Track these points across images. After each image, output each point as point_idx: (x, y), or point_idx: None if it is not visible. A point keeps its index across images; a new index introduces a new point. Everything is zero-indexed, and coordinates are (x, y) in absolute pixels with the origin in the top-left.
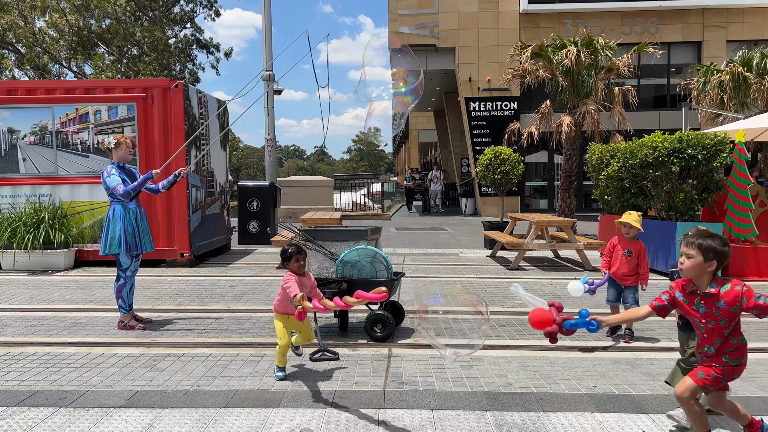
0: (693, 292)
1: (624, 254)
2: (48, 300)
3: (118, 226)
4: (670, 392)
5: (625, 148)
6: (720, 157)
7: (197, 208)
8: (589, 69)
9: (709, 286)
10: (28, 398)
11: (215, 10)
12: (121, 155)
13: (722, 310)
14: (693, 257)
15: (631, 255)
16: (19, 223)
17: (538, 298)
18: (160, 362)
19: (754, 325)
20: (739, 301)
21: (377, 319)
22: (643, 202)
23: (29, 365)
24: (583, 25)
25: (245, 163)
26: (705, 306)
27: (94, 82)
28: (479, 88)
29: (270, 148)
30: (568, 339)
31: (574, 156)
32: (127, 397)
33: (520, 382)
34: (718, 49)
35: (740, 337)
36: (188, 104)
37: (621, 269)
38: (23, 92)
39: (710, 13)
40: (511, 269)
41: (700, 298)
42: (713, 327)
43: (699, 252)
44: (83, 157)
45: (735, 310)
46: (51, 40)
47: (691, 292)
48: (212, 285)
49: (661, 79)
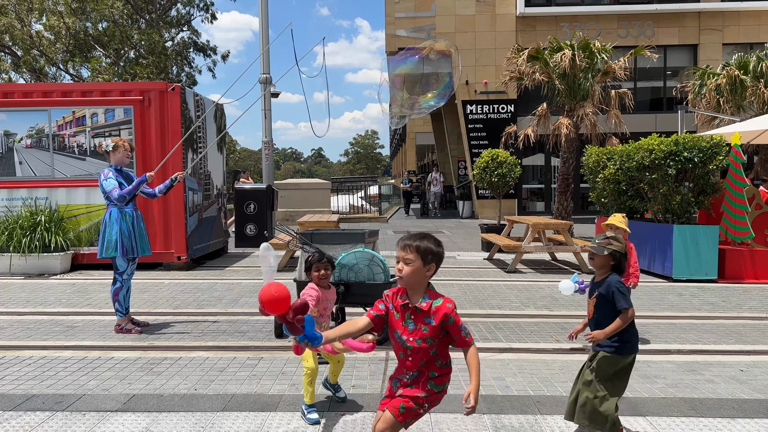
0: (405, 305)
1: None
2: (44, 303)
3: (115, 230)
4: (668, 395)
5: (622, 151)
6: (716, 159)
7: (194, 211)
8: (586, 72)
9: (421, 299)
10: (24, 402)
11: (212, 13)
12: (119, 158)
13: (431, 327)
14: (412, 262)
15: None
16: (16, 226)
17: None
18: (157, 366)
19: (751, 328)
20: (447, 318)
21: None
22: (640, 204)
23: (25, 369)
24: (579, 28)
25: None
26: (414, 322)
27: (90, 85)
28: (476, 90)
29: (267, 150)
30: (566, 342)
31: (570, 159)
32: (123, 400)
33: (517, 385)
34: (714, 52)
35: (447, 360)
36: (185, 107)
37: None
38: (20, 95)
39: (706, 16)
40: (508, 272)
41: (411, 312)
42: (419, 347)
43: (418, 255)
44: (80, 160)
45: (442, 327)
46: (48, 42)
47: (404, 305)
48: (209, 288)
49: (658, 82)
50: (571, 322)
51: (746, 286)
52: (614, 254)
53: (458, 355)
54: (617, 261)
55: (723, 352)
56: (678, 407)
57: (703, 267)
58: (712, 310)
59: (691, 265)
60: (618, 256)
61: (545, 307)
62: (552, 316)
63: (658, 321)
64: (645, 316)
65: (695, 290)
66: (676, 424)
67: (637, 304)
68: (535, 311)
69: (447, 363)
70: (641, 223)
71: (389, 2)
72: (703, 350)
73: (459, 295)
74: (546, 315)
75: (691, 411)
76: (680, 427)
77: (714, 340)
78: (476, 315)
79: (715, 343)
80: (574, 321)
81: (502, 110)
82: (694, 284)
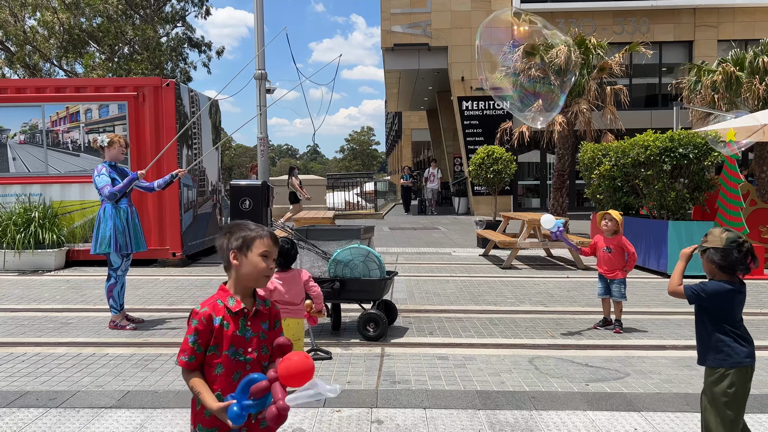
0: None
1: (604, 251)
2: (38, 300)
3: (109, 225)
4: (662, 390)
5: (617, 147)
6: (711, 156)
7: (189, 208)
8: (582, 68)
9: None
10: (18, 399)
11: (206, 8)
12: (114, 154)
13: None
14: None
15: (611, 251)
16: (9, 222)
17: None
18: (151, 362)
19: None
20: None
21: (370, 318)
22: (635, 200)
23: (19, 365)
24: (575, 25)
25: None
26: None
27: (84, 81)
28: (472, 87)
29: (263, 147)
30: (560, 338)
31: (566, 155)
32: (118, 397)
33: (512, 380)
34: (709, 49)
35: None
36: (180, 103)
37: (603, 266)
38: (13, 90)
39: (701, 12)
40: (503, 268)
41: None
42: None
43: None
44: (74, 156)
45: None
46: (42, 38)
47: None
48: (204, 285)
49: (653, 79)
50: (566, 317)
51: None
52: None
53: (460, 352)
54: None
55: None
56: (673, 402)
57: (698, 263)
58: None
59: None
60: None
61: (540, 303)
62: (547, 312)
63: (653, 317)
64: (640, 311)
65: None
66: (670, 419)
67: (632, 300)
68: (530, 307)
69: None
70: (636, 220)
71: None
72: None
73: (455, 291)
74: (541, 311)
75: (685, 406)
76: (675, 423)
77: None
78: (472, 311)
79: None
80: (569, 317)
81: (497, 106)
82: (689, 280)
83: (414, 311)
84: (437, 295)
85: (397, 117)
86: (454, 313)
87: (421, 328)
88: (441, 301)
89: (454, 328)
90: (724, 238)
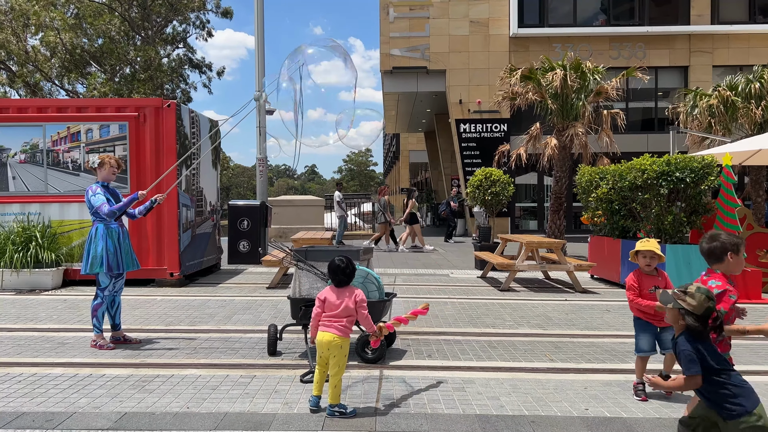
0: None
1: (651, 292)
2: (35, 319)
3: (101, 246)
4: (663, 415)
5: (615, 171)
6: (708, 180)
7: (187, 228)
8: (578, 92)
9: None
10: (13, 420)
11: (207, 30)
12: (105, 175)
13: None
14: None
15: (659, 290)
16: (8, 241)
17: None
18: (149, 383)
19: (743, 348)
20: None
21: (368, 341)
22: (632, 224)
23: (15, 386)
24: (572, 49)
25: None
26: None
27: (86, 101)
28: (469, 110)
29: (261, 167)
30: (560, 361)
31: (563, 178)
32: (115, 419)
33: (512, 404)
34: (705, 74)
35: None
36: (180, 124)
37: (651, 311)
38: (14, 110)
39: (696, 38)
40: (501, 290)
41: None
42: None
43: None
44: (74, 175)
45: None
46: (44, 58)
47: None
48: (202, 305)
49: (649, 103)
50: (564, 341)
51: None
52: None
53: (459, 375)
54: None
55: None
56: (673, 427)
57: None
58: None
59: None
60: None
61: (539, 326)
62: (545, 335)
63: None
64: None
65: None
66: None
67: (628, 324)
68: (529, 330)
69: None
70: (634, 243)
71: (384, 22)
72: None
73: (453, 313)
74: (540, 334)
75: None
76: None
77: None
78: (470, 333)
79: None
80: (568, 340)
81: (495, 129)
82: None
83: (412, 333)
84: (436, 317)
85: (395, 138)
86: (452, 335)
87: (419, 351)
88: (439, 323)
89: (453, 350)
90: (704, 307)
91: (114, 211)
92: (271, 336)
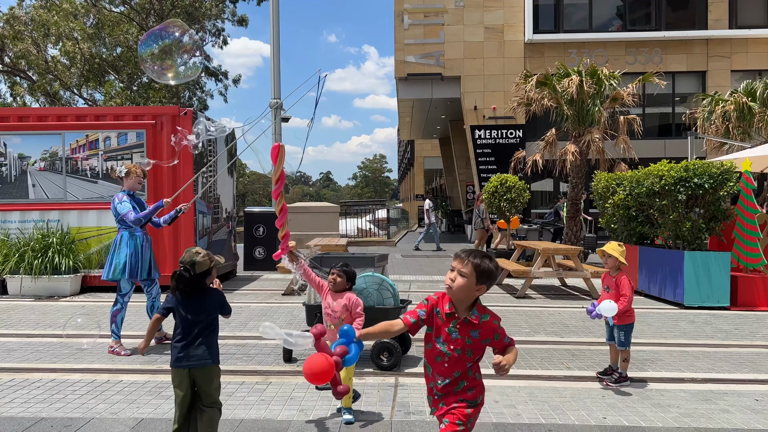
0: (451, 314)
1: (604, 290)
2: (54, 326)
3: (124, 253)
4: (682, 425)
5: (632, 177)
6: (726, 186)
7: (204, 234)
8: (594, 98)
9: (470, 313)
10: (33, 425)
11: (223, 38)
12: (131, 184)
13: (474, 340)
14: (466, 276)
15: (609, 291)
16: (27, 248)
17: (295, 332)
18: (165, 389)
19: (765, 357)
20: (494, 335)
21: (384, 347)
22: (650, 230)
23: (34, 391)
24: (587, 55)
25: (251, 189)
26: (459, 332)
27: (104, 110)
28: (485, 116)
29: None
30: (577, 369)
31: (579, 184)
32: (132, 425)
33: (528, 412)
34: (723, 79)
35: (479, 372)
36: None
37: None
38: (34, 119)
39: (714, 43)
40: (518, 297)
41: (457, 322)
42: (458, 357)
43: (473, 272)
44: (92, 183)
45: (485, 343)
46: (63, 67)
47: (449, 314)
48: None
49: (666, 108)
50: (581, 348)
51: (759, 314)
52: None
53: None
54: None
55: (737, 381)
56: None
57: (715, 294)
58: (725, 338)
59: (703, 291)
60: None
61: (555, 333)
62: (562, 343)
63: (671, 348)
64: (657, 343)
65: (707, 317)
66: None
67: (648, 331)
68: (545, 337)
69: (479, 375)
70: (652, 249)
71: (399, 29)
72: (717, 379)
73: None
74: (556, 341)
75: None
76: None
77: (728, 369)
78: None
79: (728, 372)
80: (585, 347)
81: (510, 135)
82: (706, 311)
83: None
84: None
85: (410, 145)
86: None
87: None
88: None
89: None
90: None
91: (140, 218)
92: None
